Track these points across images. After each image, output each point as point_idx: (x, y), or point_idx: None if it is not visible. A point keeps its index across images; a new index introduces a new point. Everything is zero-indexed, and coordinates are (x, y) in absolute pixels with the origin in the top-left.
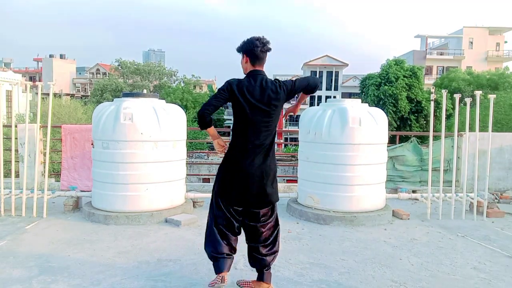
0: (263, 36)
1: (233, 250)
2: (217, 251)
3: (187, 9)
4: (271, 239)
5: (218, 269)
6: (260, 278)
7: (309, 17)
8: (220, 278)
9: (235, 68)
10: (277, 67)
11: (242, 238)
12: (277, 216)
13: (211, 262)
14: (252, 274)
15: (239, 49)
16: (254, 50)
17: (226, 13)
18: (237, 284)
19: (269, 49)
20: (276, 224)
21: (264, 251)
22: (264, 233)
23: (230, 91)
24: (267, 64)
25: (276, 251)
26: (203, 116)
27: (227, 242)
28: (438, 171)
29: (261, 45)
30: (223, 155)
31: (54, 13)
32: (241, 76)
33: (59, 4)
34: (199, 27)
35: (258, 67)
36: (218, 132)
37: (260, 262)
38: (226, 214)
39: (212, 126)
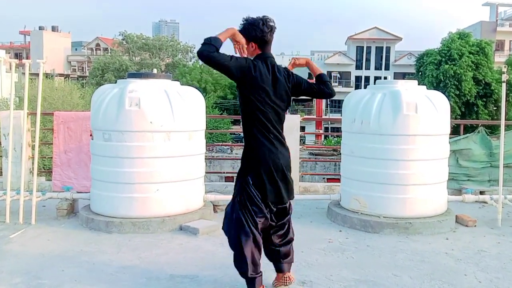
0: (265, 16)
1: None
2: (256, 271)
3: None
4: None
5: None
6: (279, 269)
7: None
8: None
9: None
10: (316, 41)
11: None
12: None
13: (235, 279)
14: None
15: (247, 38)
16: (263, 36)
17: None
18: None
19: (275, 29)
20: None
21: (277, 240)
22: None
23: (250, 70)
24: (305, 39)
25: (292, 239)
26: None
27: (260, 254)
28: (511, 168)
29: (269, 29)
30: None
31: None
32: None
33: None
34: None
35: (267, 50)
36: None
37: (275, 254)
38: (256, 218)
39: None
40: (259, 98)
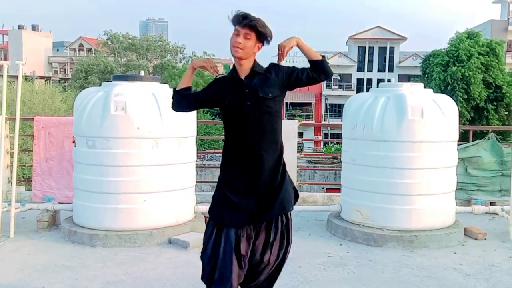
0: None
1: None
2: None
3: None
4: None
5: None
6: None
7: None
8: None
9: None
10: (314, 41)
11: None
12: None
13: None
14: None
15: (263, 38)
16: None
17: None
18: None
19: None
20: None
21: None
22: None
23: None
24: (303, 38)
25: None
26: None
27: None
28: None
29: None
30: None
31: None
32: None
33: None
34: None
35: None
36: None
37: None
38: None
39: None
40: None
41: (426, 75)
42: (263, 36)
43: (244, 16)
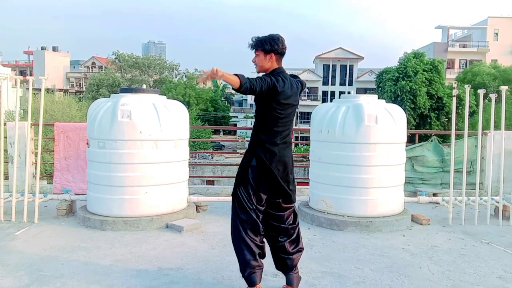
0: (278, 35)
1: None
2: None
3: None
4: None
5: (252, 283)
6: (289, 282)
7: (321, 6)
8: None
9: (241, 61)
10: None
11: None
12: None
13: (216, 271)
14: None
15: (268, 50)
16: (284, 49)
17: (230, 2)
18: None
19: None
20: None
21: (290, 248)
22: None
23: (278, 85)
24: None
25: (302, 249)
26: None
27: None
28: (460, 172)
29: (285, 44)
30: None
31: (47, 4)
32: (248, 71)
33: None
34: (202, 19)
35: (280, 64)
36: (225, 131)
37: (287, 263)
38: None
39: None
40: (278, 110)
41: (380, 88)
42: (268, 50)
43: (250, 43)
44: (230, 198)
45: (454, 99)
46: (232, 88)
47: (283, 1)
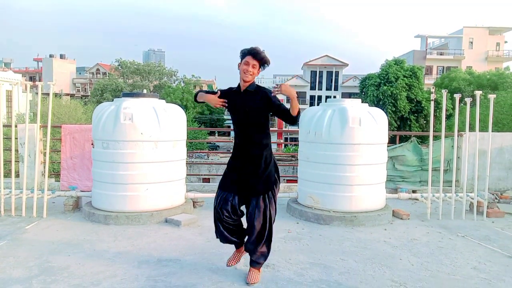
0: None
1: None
2: None
3: (187, 14)
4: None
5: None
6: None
7: (308, 21)
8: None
9: (235, 69)
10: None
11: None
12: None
13: (211, 262)
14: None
15: (263, 66)
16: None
17: (226, 18)
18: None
19: None
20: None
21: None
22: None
23: None
24: (271, 64)
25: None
26: None
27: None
28: (438, 171)
29: None
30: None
31: (55, 16)
32: (236, 80)
33: (60, 10)
34: (199, 31)
35: None
36: (220, 132)
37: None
38: None
39: None
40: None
41: (363, 93)
42: (264, 65)
43: (256, 52)
44: None
45: (432, 103)
46: (288, 116)
47: (274, 18)
